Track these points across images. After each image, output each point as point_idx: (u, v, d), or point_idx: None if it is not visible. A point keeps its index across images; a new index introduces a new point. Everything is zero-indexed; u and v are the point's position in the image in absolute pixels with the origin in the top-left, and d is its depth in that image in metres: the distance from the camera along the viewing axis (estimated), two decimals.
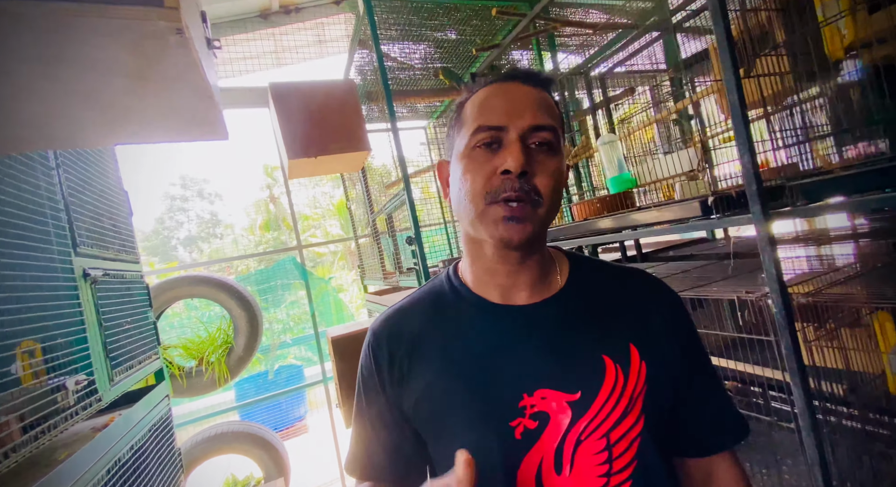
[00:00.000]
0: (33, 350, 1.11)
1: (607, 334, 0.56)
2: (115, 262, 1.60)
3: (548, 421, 0.52)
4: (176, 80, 0.76)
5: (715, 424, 0.60)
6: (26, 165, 1.18)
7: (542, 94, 0.57)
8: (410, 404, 0.58)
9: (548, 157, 0.55)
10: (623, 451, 0.52)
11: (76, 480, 1.04)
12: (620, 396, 0.53)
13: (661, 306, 0.60)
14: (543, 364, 0.54)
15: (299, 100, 2.15)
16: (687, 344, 0.60)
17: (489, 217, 0.53)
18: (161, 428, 1.60)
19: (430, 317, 0.61)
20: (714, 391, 0.60)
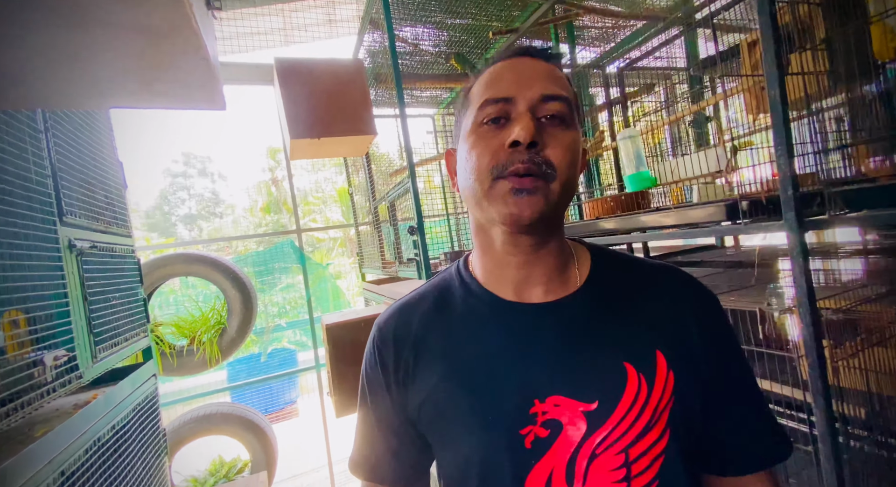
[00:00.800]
0: (17, 320, 1.06)
1: (631, 338, 0.51)
2: (105, 235, 1.54)
3: (560, 431, 0.48)
4: (167, 36, 0.69)
5: (752, 440, 0.53)
6: (11, 126, 1.11)
7: (552, 67, 0.53)
8: (415, 406, 0.55)
9: (561, 130, 0.50)
10: (643, 470, 0.47)
11: (52, 459, 1.00)
12: (643, 408, 0.48)
13: (697, 309, 0.54)
14: (558, 368, 0.50)
15: (305, 77, 2.07)
16: (724, 352, 0.54)
17: (496, 193, 0.49)
18: (146, 408, 1.56)
19: (437, 314, 0.58)
20: (753, 403, 0.54)
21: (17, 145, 1.12)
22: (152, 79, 0.86)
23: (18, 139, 1.13)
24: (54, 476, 0.98)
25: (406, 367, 0.56)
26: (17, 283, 1.02)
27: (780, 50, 0.81)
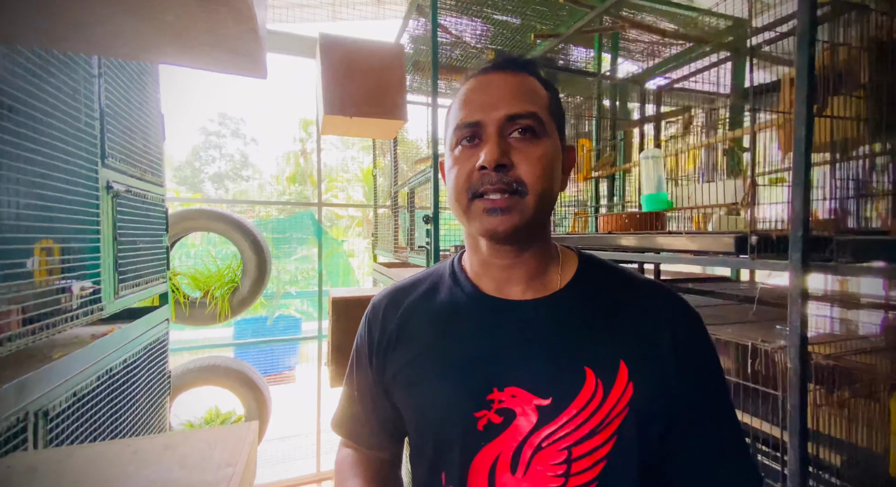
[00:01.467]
0: (51, 248, 1.15)
1: (597, 345, 0.53)
2: (139, 181, 1.63)
3: (513, 420, 0.51)
4: (224, 4, 0.74)
5: (720, 470, 0.52)
6: (68, 67, 1.19)
7: (522, 79, 0.55)
8: (391, 376, 0.60)
9: (530, 144, 0.52)
10: (583, 470, 0.49)
11: (66, 380, 1.08)
12: (594, 412, 0.50)
13: (675, 327, 0.54)
14: (521, 362, 0.53)
15: (346, 55, 2.11)
16: (698, 374, 0.53)
17: (473, 212, 0.53)
18: (156, 349, 1.66)
19: (426, 298, 0.62)
20: (724, 431, 0.53)
21: (71, 86, 1.20)
22: (203, 42, 0.91)
23: (73, 80, 1.21)
24: (67, 396, 1.07)
25: (389, 341, 0.61)
26: (55, 214, 1.10)
27: (812, 90, 0.81)
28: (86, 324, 1.44)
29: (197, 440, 0.85)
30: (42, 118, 1.03)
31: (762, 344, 0.95)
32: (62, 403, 1.04)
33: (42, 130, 1.04)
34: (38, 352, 1.22)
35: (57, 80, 1.12)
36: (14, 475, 0.74)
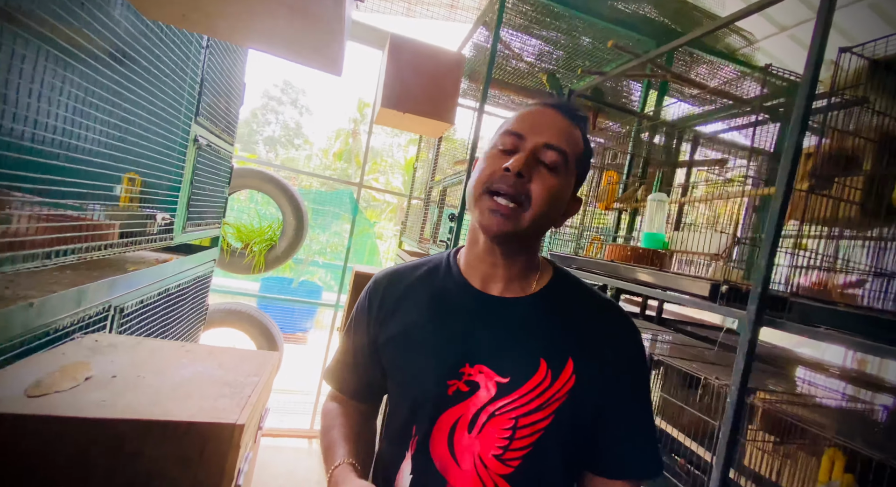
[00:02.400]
0: (135, 179, 1.40)
1: (554, 342, 0.63)
2: (217, 138, 1.89)
3: (476, 390, 0.62)
4: (320, 20, 0.94)
5: (630, 454, 0.64)
6: (188, 39, 1.45)
7: (571, 126, 0.64)
8: (383, 342, 0.70)
9: (549, 173, 0.61)
10: (524, 436, 0.61)
11: (137, 289, 1.34)
12: (541, 394, 0.60)
13: (618, 340, 0.65)
14: (491, 346, 0.63)
15: (411, 57, 2.32)
16: (628, 380, 0.65)
17: (481, 205, 0.61)
18: (201, 282, 1.93)
19: (422, 282, 0.72)
20: (637, 428, 0.65)
21: (189, 54, 1.46)
22: (293, 41, 1.13)
23: (187, 48, 1.47)
24: (135, 301, 1.33)
25: (385, 312, 0.71)
26: (149, 153, 1.35)
27: (793, 173, 0.92)
28: (155, 249, 1.72)
29: (233, 354, 1.08)
30: (156, 73, 1.28)
31: (715, 380, 1.07)
32: (132, 305, 1.29)
33: (154, 83, 1.29)
34: (115, 263, 1.50)
35: (175, 45, 1.37)
36: (101, 346, 0.98)
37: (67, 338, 0.99)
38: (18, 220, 0.88)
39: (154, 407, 0.72)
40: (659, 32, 2.46)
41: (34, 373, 0.76)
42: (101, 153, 1.08)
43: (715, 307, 1.08)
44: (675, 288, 1.21)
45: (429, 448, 0.63)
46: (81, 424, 0.65)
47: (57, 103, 0.99)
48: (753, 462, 1.22)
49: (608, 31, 2.20)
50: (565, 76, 2.65)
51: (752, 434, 1.13)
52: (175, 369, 0.93)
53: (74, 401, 0.69)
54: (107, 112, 1.11)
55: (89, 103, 1.03)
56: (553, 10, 2.24)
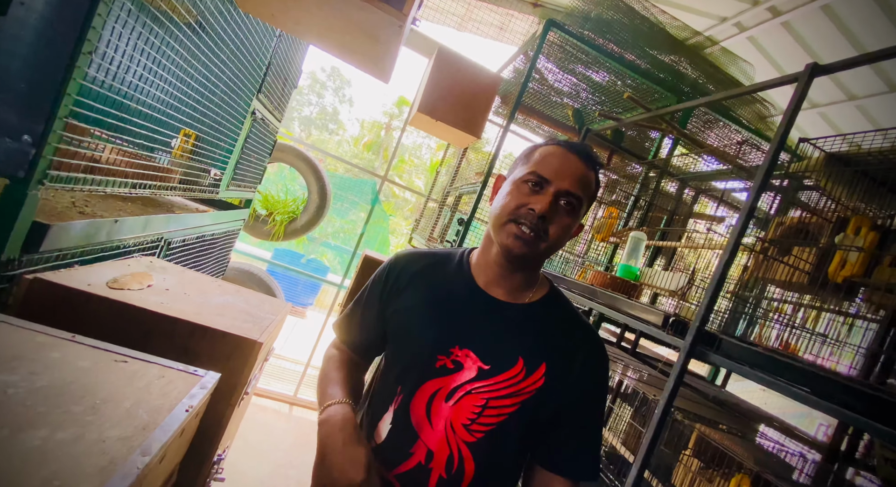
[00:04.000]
0: (190, 136, 1.64)
1: (533, 346, 0.74)
2: (269, 113, 2.14)
3: (460, 369, 0.73)
4: (380, 42, 1.16)
5: (573, 455, 0.74)
6: (264, 27, 1.69)
7: (588, 173, 0.76)
8: (390, 312, 0.81)
9: (566, 215, 0.73)
10: (490, 415, 0.72)
11: (180, 229, 1.57)
12: (512, 385, 0.72)
13: (589, 360, 0.76)
14: (481, 337, 0.74)
15: (453, 70, 2.54)
16: (589, 396, 0.75)
17: (506, 230, 0.73)
18: (230, 236, 2.16)
19: (435, 269, 0.83)
20: (588, 436, 0.75)
21: (263, 40, 1.70)
22: (355, 50, 1.34)
23: (265, 37, 1.71)
24: (179, 239, 1.55)
25: (397, 287, 0.82)
26: (213, 115, 1.57)
27: (741, 234, 1.10)
28: (200, 199, 1.95)
29: (255, 295, 1.29)
30: (239, 55, 1.52)
31: (653, 396, 1.25)
32: (176, 242, 1.52)
33: (235, 62, 1.53)
34: (164, 205, 1.73)
35: (259, 35, 1.61)
36: (155, 266, 1.20)
37: (129, 256, 1.21)
38: (108, 153, 1.11)
39: (198, 315, 0.93)
40: (686, 88, 2.64)
41: (109, 274, 0.98)
42: (175, 108, 1.29)
43: (661, 334, 1.26)
44: (637, 314, 1.39)
45: (409, 407, 0.73)
46: (148, 314, 0.86)
47: (137, 61, 1.15)
48: (679, 480, 1.39)
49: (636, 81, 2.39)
50: (589, 114, 2.85)
51: (685, 455, 1.30)
52: (211, 295, 1.15)
53: (142, 298, 0.91)
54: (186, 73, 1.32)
55: (165, 66, 1.22)
56: (589, 53, 2.45)
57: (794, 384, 0.99)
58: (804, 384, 0.98)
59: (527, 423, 0.73)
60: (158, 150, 1.40)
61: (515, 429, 0.73)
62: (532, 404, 0.72)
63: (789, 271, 1.31)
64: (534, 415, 0.73)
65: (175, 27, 1.20)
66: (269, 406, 3.58)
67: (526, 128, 3.69)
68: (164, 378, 0.69)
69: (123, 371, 0.67)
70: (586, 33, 2.41)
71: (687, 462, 1.39)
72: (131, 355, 0.71)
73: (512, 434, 0.73)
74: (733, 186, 2.60)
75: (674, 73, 2.59)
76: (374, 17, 1.05)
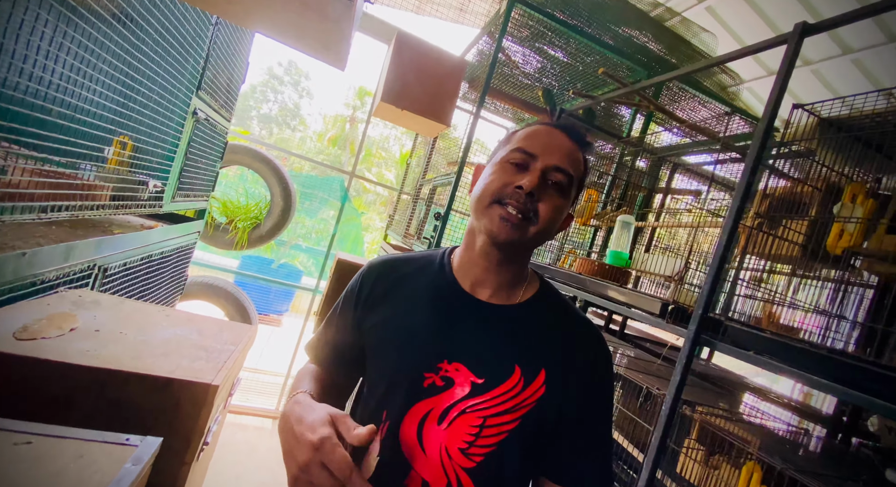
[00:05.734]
0: (126, 144, 1.43)
1: (531, 352, 0.66)
2: (215, 113, 1.92)
3: (451, 386, 0.64)
4: (331, 21, 1.01)
5: (585, 467, 0.67)
6: (199, 15, 1.48)
7: (577, 150, 0.69)
8: (368, 326, 0.72)
9: (555, 194, 0.66)
10: (490, 435, 0.63)
11: (119, 252, 1.37)
12: (511, 398, 0.63)
13: (590, 360, 0.69)
14: (471, 347, 0.66)
15: (415, 56, 2.38)
16: (594, 398, 0.68)
17: (490, 213, 0.65)
18: (184, 252, 1.95)
19: (414, 275, 0.74)
20: (598, 444, 0.68)
21: (198, 29, 1.49)
22: (302, 33, 1.18)
23: (196, 24, 1.50)
24: (119, 263, 1.36)
25: (374, 299, 0.73)
26: (147, 121, 1.37)
27: (740, 213, 1.03)
28: (141, 216, 1.74)
29: (212, 322, 1.13)
30: (167, 48, 1.32)
31: (656, 390, 1.18)
32: (116, 267, 1.33)
33: (160, 52, 1.33)
34: (101, 224, 1.52)
35: (188, 22, 1.40)
36: (85, 301, 1.02)
37: (52, 291, 1.02)
38: (13, 173, 0.92)
39: (135, 361, 0.77)
40: (652, 62, 2.59)
41: (21, 319, 0.80)
42: (98, 115, 1.11)
43: (662, 323, 1.18)
44: (632, 303, 1.32)
45: (398, 434, 0.64)
46: (67, 369, 0.70)
47: (55, 58, 0.98)
48: (685, 470, 1.34)
49: (605, 57, 2.31)
50: (560, 93, 2.75)
51: (688, 444, 1.24)
52: (155, 330, 0.98)
53: (60, 348, 0.74)
54: (107, 74, 1.13)
55: (90, 63, 1.05)
56: (556, 29, 2.34)
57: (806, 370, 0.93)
58: (817, 369, 0.92)
59: (530, 438, 0.65)
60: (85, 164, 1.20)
61: (518, 447, 0.64)
62: (534, 416, 0.64)
63: (784, 245, 1.26)
64: (537, 428, 0.65)
65: (97, 19, 1.00)
66: (250, 423, 3.40)
67: (496, 113, 3.58)
68: (82, 457, 0.54)
69: (26, 456, 0.52)
70: (549, 10, 2.29)
71: (690, 446, 1.34)
72: (39, 432, 0.56)
73: (515, 454, 0.64)
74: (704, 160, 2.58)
75: (640, 48, 2.52)
76: None
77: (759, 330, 1.05)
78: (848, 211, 1.06)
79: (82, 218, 1.29)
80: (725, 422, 1.32)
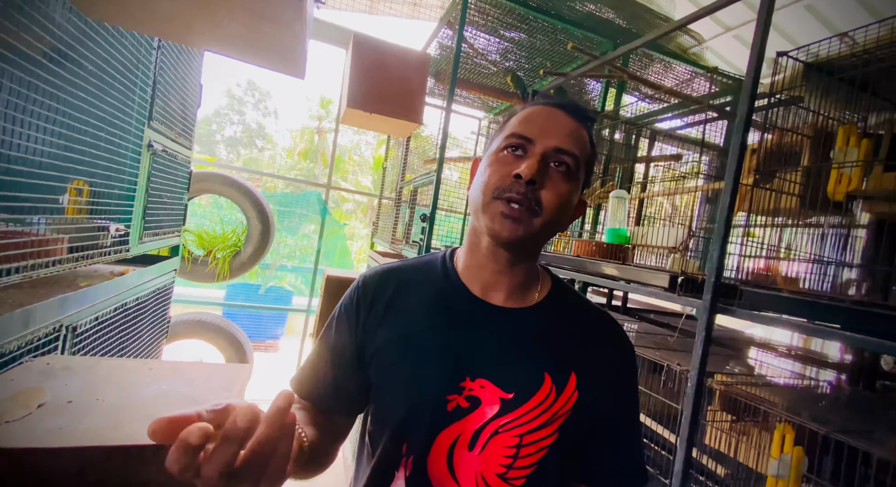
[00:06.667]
0: (82, 189, 1.32)
1: (557, 356, 0.61)
2: (173, 143, 1.81)
3: (478, 406, 0.58)
4: (282, 25, 0.92)
5: (618, 468, 0.64)
6: (135, 38, 1.37)
7: (580, 128, 0.62)
8: (373, 349, 0.63)
9: (561, 179, 0.59)
10: (529, 454, 0.58)
11: (91, 305, 1.27)
12: (546, 410, 0.58)
13: (616, 354, 0.66)
14: (493, 359, 0.60)
15: (376, 56, 2.29)
16: (623, 393, 0.65)
17: (490, 210, 0.58)
18: (162, 293, 1.84)
19: (416, 285, 0.66)
20: (628, 443, 0.65)
21: (134, 55, 1.38)
22: (253, 44, 1.09)
23: (136, 51, 1.39)
24: (90, 318, 1.25)
25: (376, 317, 0.64)
26: (99, 161, 1.27)
27: (739, 170, 0.99)
28: (109, 263, 1.63)
29: (200, 368, 1.04)
30: (103, 76, 1.21)
31: (677, 366, 1.14)
32: (87, 323, 1.22)
33: (101, 87, 1.22)
34: (65, 280, 1.40)
35: (126, 50, 1.30)
36: (54, 369, 0.92)
37: (15, 363, 0.92)
38: None
39: (115, 431, 0.68)
40: (616, 34, 2.55)
41: None
42: (43, 163, 1.00)
43: (673, 297, 1.14)
44: (638, 280, 1.27)
45: (426, 468, 0.58)
46: (36, 455, 0.61)
47: None
48: (713, 440, 1.31)
49: (568, 33, 2.26)
50: (529, 76, 2.70)
51: (711, 414, 1.21)
52: (137, 389, 0.89)
53: (28, 431, 0.65)
54: (46, 118, 1.03)
55: (26, 109, 0.96)
56: (515, 11, 2.28)
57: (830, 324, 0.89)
58: (842, 321, 0.89)
59: (570, 448, 0.61)
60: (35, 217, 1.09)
61: (559, 460, 0.60)
62: (570, 425, 0.59)
63: (782, 198, 1.23)
64: (575, 436, 0.61)
65: (26, 61, 0.90)
66: None
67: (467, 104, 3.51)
68: None
69: None
70: None
71: (715, 417, 1.31)
72: None
73: (557, 468, 0.60)
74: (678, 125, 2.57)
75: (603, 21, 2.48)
76: None
77: (776, 289, 1.01)
78: (843, 154, 1.04)
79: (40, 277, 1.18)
80: (744, 386, 1.30)
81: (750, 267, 1.30)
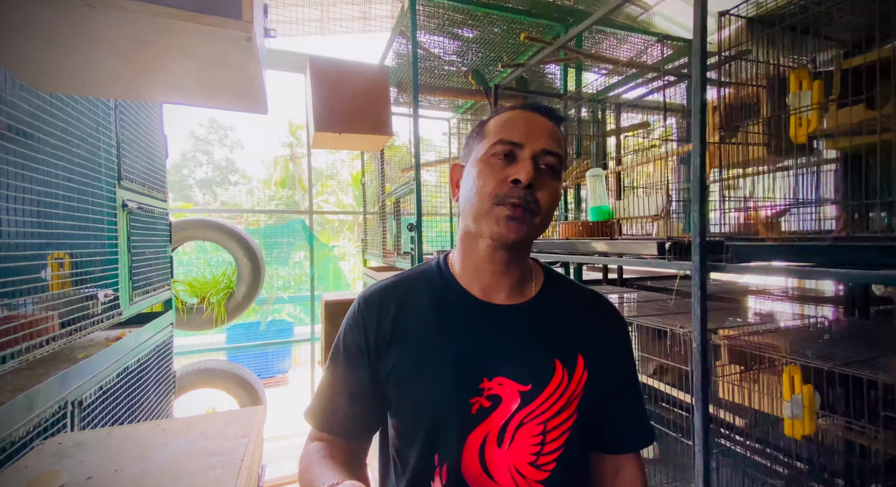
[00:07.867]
0: (63, 261, 1.30)
1: (562, 342, 0.66)
2: (147, 197, 1.79)
3: (500, 403, 0.61)
4: (235, 68, 0.92)
5: (630, 430, 0.69)
6: (91, 103, 1.36)
7: (556, 129, 0.67)
8: (388, 368, 0.64)
9: (550, 178, 0.64)
10: (555, 438, 0.62)
11: (93, 376, 1.25)
12: (562, 395, 0.62)
13: (611, 329, 0.71)
14: (506, 357, 0.63)
15: (335, 77, 2.30)
16: (623, 364, 0.70)
17: (493, 215, 0.61)
18: (163, 350, 1.82)
19: (418, 296, 0.68)
20: (635, 405, 0.71)
21: (93, 119, 1.37)
22: (210, 90, 1.09)
23: (94, 114, 1.38)
24: (94, 389, 1.23)
25: (384, 338, 0.65)
26: (76, 231, 1.26)
27: (703, 130, 1.02)
28: (104, 329, 1.60)
29: (214, 419, 1.03)
30: (70, 149, 1.20)
31: (679, 329, 1.16)
32: (92, 395, 1.20)
33: (65, 156, 1.20)
34: (62, 355, 1.38)
35: (84, 115, 1.28)
36: (66, 448, 0.91)
37: (27, 449, 0.90)
38: None
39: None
40: (566, 14, 2.59)
41: None
42: (19, 244, 0.99)
43: (665, 263, 1.16)
44: (628, 252, 1.29)
45: (460, 472, 0.60)
46: None
47: None
48: (727, 393, 1.33)
49: (519, 22, 2.29)
50: (489, 71, 2.72)
51: (721, 369, 1.23)
52: (154, 452, 0.88)
53: None
54: (15, 198, 1.02)
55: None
56: (463, 9, 2.31)
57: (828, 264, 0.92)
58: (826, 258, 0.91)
59: (588, 425, 0.66)
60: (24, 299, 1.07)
61: (581, 438, 0.65)
62: (586, 404, 0.65)
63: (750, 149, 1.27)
64: (591, 413, 0.66)
65: None
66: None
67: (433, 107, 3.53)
68: None
69: None
70: None
71: (724, 372, 1.33)
72: None
73: (580, 446, 0.65)
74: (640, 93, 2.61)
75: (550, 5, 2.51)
76: (209, 38, 0.81)
77: (760, 239, 1.04)
78: (798, 98, 1.07)
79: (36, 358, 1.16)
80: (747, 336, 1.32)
81: (733, 221, 1.33)
